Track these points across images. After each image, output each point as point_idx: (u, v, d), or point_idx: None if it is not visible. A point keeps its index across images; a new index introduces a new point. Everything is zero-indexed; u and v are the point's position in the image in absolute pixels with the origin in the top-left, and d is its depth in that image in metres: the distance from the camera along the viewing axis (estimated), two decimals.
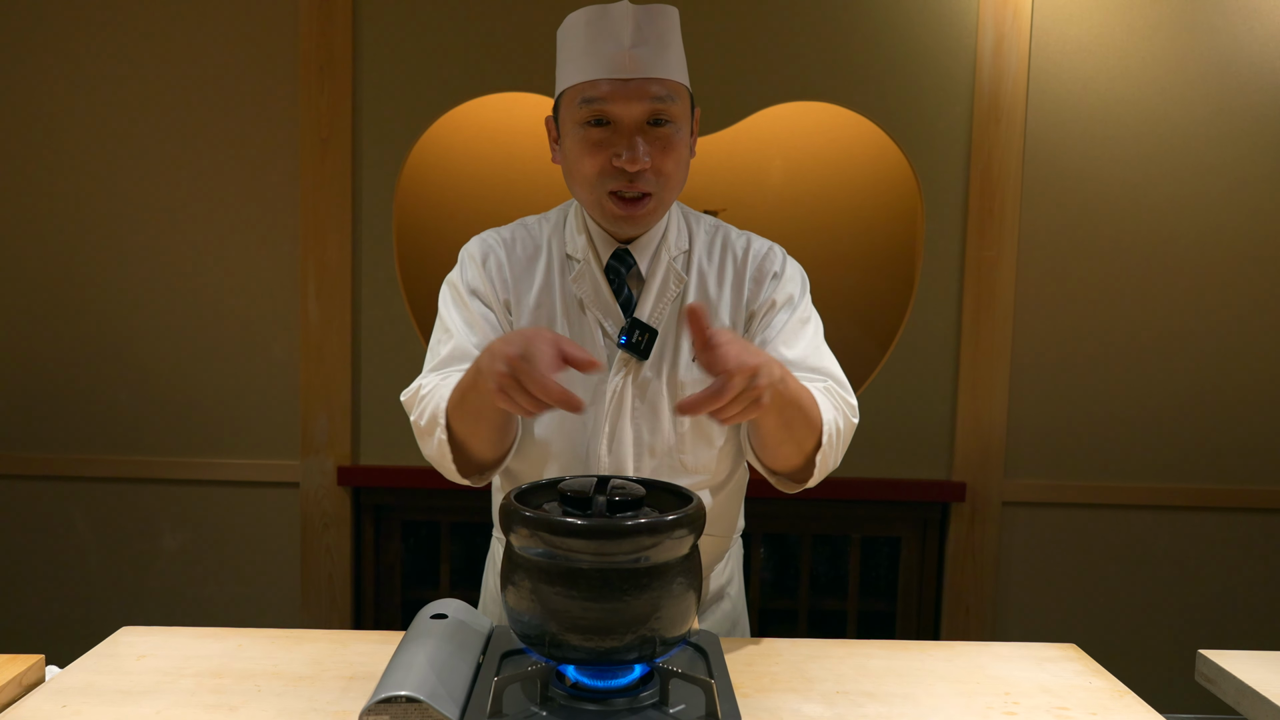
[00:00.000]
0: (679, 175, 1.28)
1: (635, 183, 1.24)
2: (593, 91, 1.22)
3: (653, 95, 1.22)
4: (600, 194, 1.26)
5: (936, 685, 1.15)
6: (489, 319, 1.33)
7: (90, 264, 2.44)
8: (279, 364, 2.45)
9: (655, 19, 1.24)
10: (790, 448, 1.23)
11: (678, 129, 1.25)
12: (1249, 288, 2.41)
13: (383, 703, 0.96)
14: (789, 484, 1.31)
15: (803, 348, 1.32)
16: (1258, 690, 1.18)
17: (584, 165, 1.25)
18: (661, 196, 1.27)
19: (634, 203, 1.25)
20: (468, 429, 1.21)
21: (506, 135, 2.97)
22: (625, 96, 1.21)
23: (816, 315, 1.39)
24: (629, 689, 1.02)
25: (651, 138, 1.23)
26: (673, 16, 1.27)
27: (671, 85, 1.24)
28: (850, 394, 1.32)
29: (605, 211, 1.27)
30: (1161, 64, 2.36)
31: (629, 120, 1.22)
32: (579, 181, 1.28)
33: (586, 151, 1.25)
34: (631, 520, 0.96)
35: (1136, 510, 2.46)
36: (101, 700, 1.07)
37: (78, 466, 2.47)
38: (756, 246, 1.38)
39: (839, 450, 1.28)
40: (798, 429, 1.20)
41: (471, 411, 1.18)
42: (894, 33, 2.36)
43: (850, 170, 3.05)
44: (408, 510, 2.51)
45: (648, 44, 1.22)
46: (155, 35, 2.39)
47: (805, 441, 1.22)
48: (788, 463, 1.26)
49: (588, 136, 1.24)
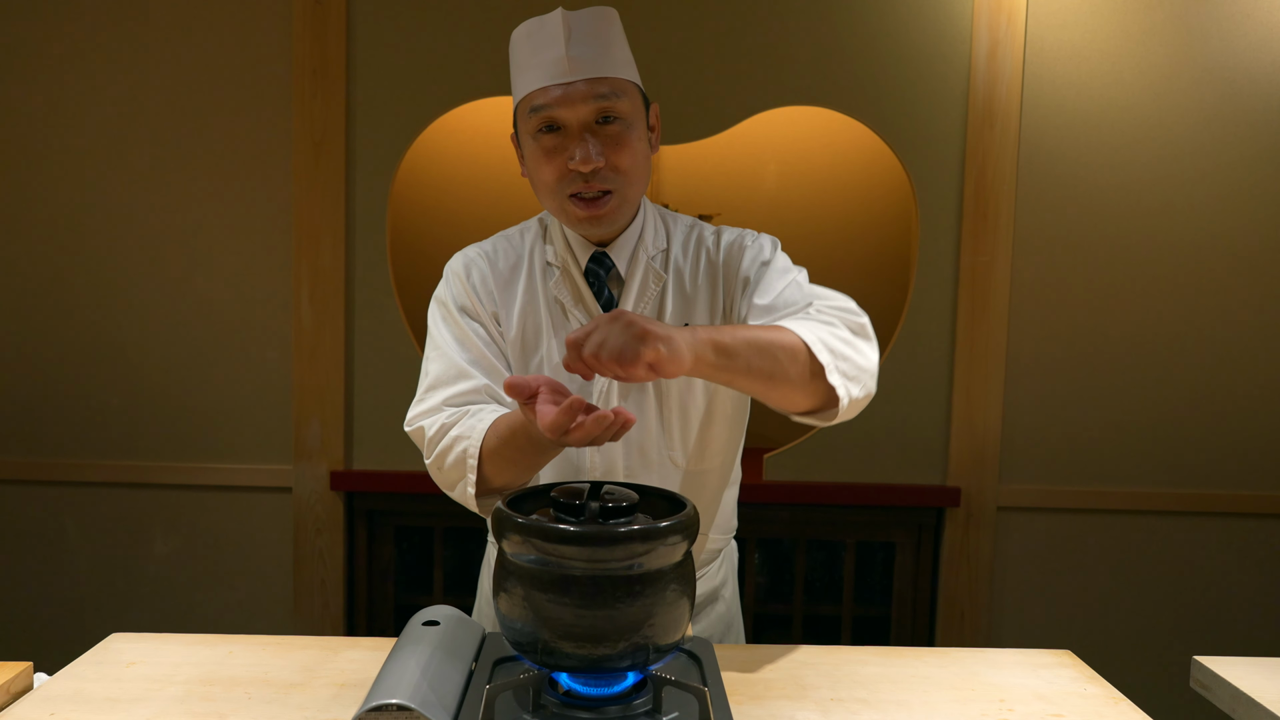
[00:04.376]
0: (638, 170, 1.29)
1: (592, 182, 1.25)
2: (540, 99, 1.25)
3: (596, 94, 1.24)
4: (562, 199, 1.28)
5: (931, 692, 1.15)
6: (479, 334, 1.34)
7: (82, 268, 2.43)
8: (272, 368, 2.44)
9: (590, 21, 1.27)
10: (787, 387, 1.13)
11: (628, 125, 1.26)
12: (1243, 292, 2.42)
13: (373, 710, 0.95)
14: (827, 415, 1.19)
15: (777, 293, 1.27)
16: (1253, 697, 1.18)
17: (543, 173, 1.28)
18: (623, 193, 1.28)
19: (594, 202, 1.27)
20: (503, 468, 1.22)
21: (500, 139, 2.96)
22: (569, 99, 1.24)
23: (797, 268, 1.34)
24: (622, 697, 1.01)
25: (602, 136, 1.25)
26: (609, 17, 1.29)
27: (615, 83, 1.26)
28: (851, 307, 1.24)
29: (569, 215, 1.29)
30: (1156, 69, 2.36)
31: (576, 122, 1.25)
32: (542, 190, 1.30)
33: (542, 159, 1.27)
34: (624, 527, 0.96)
35: (1132, 516, 2.46)
36: (90, 708, 1.06)
37: (69, 471, 2.46)
38: (727, 236, 1.38)
39: (859, 357, 1.18)
40: (775, 366, 1.10)
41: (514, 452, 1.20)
42: (889, 37, 2.36)
43: (845, 175, 3.05)
44: (401, 515, 2.50)
45: (585, 45, 1.25)
46: (148, 40, 2.38)
47: (799, 373, 1.12)
48: (803, 399, 1.16)
49: (541, 144, 1.27)
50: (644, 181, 1.31)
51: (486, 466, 1.22)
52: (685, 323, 1.34)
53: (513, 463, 1.21)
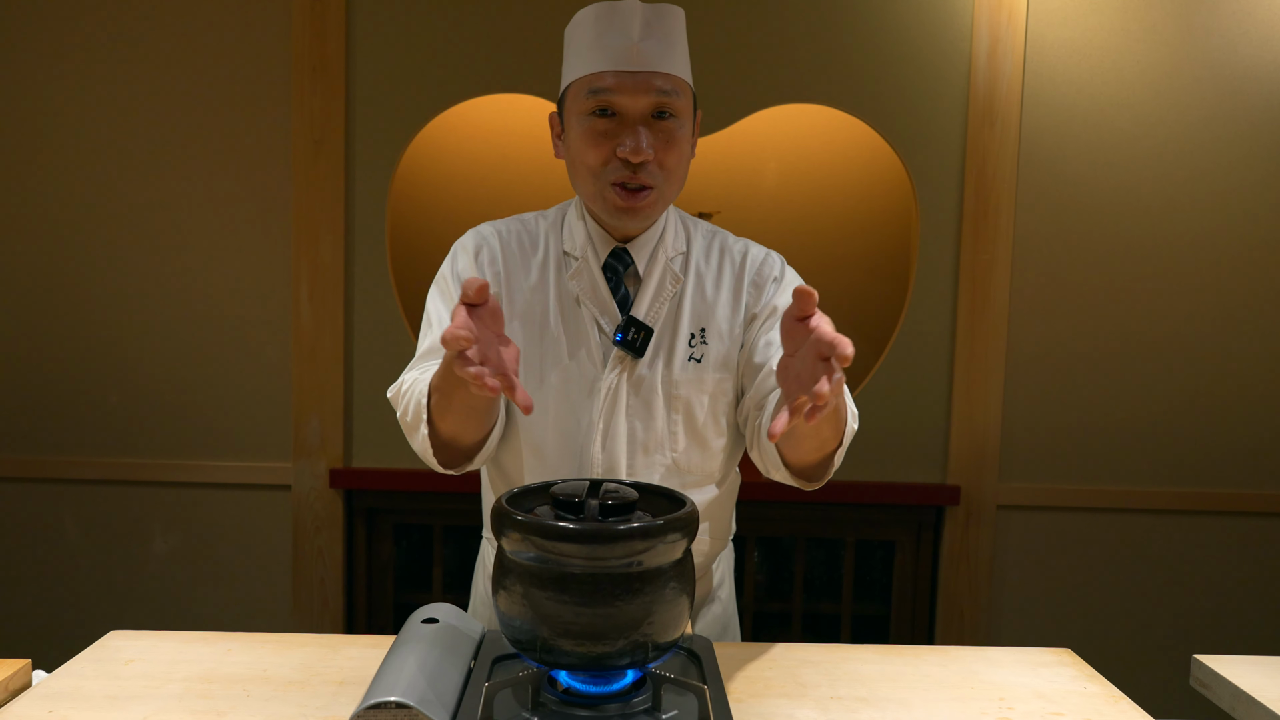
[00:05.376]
0: (680, 171, 1.29)
1: (638, 174, 1.25)
2: (599, 83, 1.24)
3: (658, 89, 1.24)
4: (603, 185, 1.27)
5: (930, 690, 1.15)
6: None
7: (81, 265, 2.43)
8: (271, 366, 2.44)
9: (663, 16, 1.27)
10: (815, 442, 1.18)
11: (681, 125, 1.27)
12: (1243, 291, 2.42)
13: (372, 708, 0.95)
14: (802, 481, 1.27)
15: None
16: (1252, 695, 1.18)
17: (588, 156, 1.26)
18: (663, 190, 1.28)
19: (635, 194, 1.26)
20: (446, 416, 1.19)
21: (500, 137, 2.97)
22: (632, 88, 1.23)
23: None
24: (621, 694, 1.01)
25: (656, 130, 1.25)
26: (679, 16, 1.29)
27: (676, 81, 1.26)
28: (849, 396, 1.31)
29: (607, 203, 1.28)
30: (1156, 67, 2.36)
31: (634, 112, 1.24)
32: (582, 172, 1.29)
33: (591, 142, 1.26)
34: (624, 525, 0.96)
35: (1131, 514, 2.46)
36: (89, 705, 1.06)
37: (68, 468, 2.46)
38: (754, 252, 1.40)
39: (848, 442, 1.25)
40: (831, 423, 1.15)
41: (446, 398, 1.17)
42: (889, 35, 2.36)
43: (845, 173, 3.05)
44: (400, 513, 2.50)
45: (655, 39, 1.25)
46: (147, 37, 2.38)
47: (830, 440, 1.18)
48: (808, 458, 1.21)
49: (593, 127, 1.26)
50: (682, 184, 1.31)
51: (435, 413, 1.19)
52: (702, 327, 1.34)
53: (449, 404, 1.16)
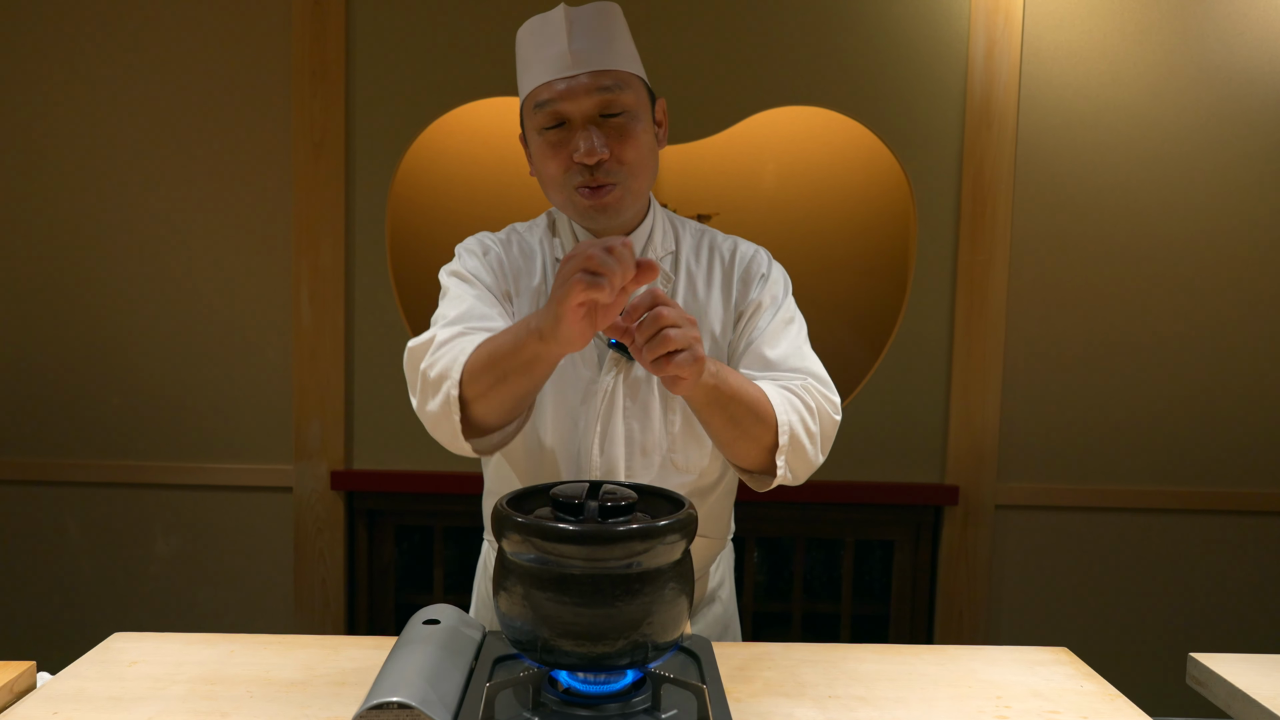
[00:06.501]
0: (643, 163, 1.29)
1: (596, 175, 1.26)
2: (545, 94, 1.26)
3: (599, 87, 1.25)
4: (569, 191, 1.29)
5: (929, 689, 1.16)
6: (494, 303, 1.33)
7: (82, 268, 2.43)
8: (272, 368, 2.44)
9: (592, 16, 1.28)
10: (746, 444, 1.24)
11: (632, 117, 1.27)
12: (1240, 292, 2.42)
13: (374, 709, 0.96)
14: (760, 481, 1.30)
15: (785, 348, 1.34)
16: (1248, 693, 1.18)
17: (549, 168, 1.29)
18: (628, 185, 1.29)
19: (598, 191, 1.27)
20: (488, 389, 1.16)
21: (500, 140, 2.97)
22: (573, 93, 1.25)
23: (800, 316, 1.40)
24: (621, 694, 1.02)
25: (607, 129, 1.26)
26: (611, 11, 1.30)
27: (618, 75, 1.27)
28: (832, 392, 1.32)
29: (576, 206, 1.30)
30: (1153, 69, 2.37)
31: (580, 115, 1.26)
32: (550, 185, 1.31)
33: (549, 154, 1.28)
34: (623, 526, 0.97)
35: (1129, 513, 2.47)
36: (93, 707, 1.07)
37: (70, 471, 2.47)
38: (743, 249, 1.41)
39: (814, 449, 1.28)
40: (748, 424, 1.21)
41: (501, 371, 1.14)
42: (886, 37, 2.37)
43: (842, 175, 3.05)
44: (401, 514, 2.51)
45: (586, 38, 1.26)
46: (148, 40, 2.38)
47: (761, 437, 1.23)
48: (749, 459, 1.27)
49: (547, 140, 1.28)
50: (650, 175, 1.32)
51: (470, 382, 1.16)
52: None
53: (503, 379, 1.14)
